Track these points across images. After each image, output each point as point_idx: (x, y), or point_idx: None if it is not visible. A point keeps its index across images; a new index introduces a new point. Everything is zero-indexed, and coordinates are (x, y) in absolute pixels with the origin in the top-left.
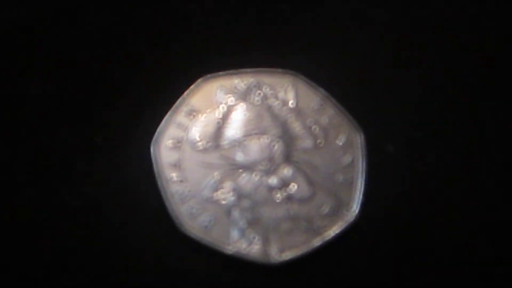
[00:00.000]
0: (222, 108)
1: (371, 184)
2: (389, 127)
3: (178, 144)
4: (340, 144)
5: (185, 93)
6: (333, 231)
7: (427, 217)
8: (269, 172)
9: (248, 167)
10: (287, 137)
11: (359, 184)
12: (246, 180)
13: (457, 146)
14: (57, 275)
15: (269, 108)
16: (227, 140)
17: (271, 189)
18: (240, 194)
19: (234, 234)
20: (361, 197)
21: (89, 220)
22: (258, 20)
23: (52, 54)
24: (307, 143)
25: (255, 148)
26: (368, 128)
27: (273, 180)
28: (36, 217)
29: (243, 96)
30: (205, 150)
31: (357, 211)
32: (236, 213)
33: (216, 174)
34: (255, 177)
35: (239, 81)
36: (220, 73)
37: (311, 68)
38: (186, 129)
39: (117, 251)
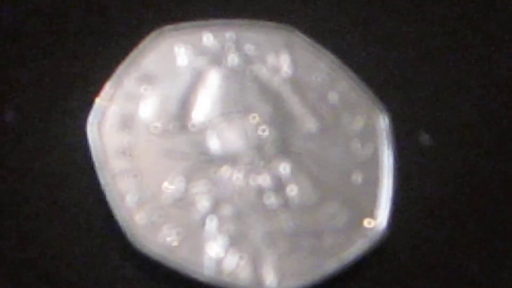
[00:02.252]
0: (188, 76)
1: (402, 185)
2: (424, 107)
3: (128, 124)
4: (356, 129)
5: (135, 51)
6: (351, 252)
7: (477, 226)
8: (258, 168)
9: (227, 160)
10: (281, 119)
11: (386, 186)
12: (226, 177)
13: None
14: None
15: (256, 78)
16: (197, 121)
17: (261, 192)
18: (217, 198)
19: (212, 254)
20: (388, 205)
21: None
22: None
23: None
24: (310, 127)
25: (237, 133)
26: (394, 108)
27: (264, 180)
28: None
29: (217, 59)
30: (166, 133)
31: (384, 225)
32: (213, 225)
33: (184, 169)
34: (238, 175)
35: (211, 37)
36: (184, 24)
37: (315, 23)
38: (138, 102)
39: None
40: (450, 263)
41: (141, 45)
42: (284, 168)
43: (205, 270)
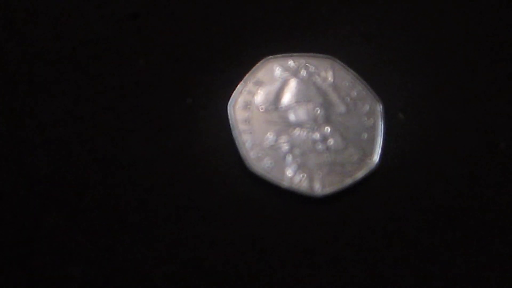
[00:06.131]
0: (279, 81)
1: (387, 141)
2: (401, 100)
3: (248, 106)
4: (365, 111)
5: (253, 69)
6: (360, 174)
7: (430, 167)
8: (313, 130)
9: (298, 125)
10: (327, 105)
11: (379, 141)
12: (297, 134)
13: (457, 111)
14: (139, 209)
15: (314, 83)
16: (283, 105)
17: (315, 142)
18: (292, 145)
19: (288, 173)
20: (380, 150)
21: (183, 160)
22: (307, 19)
23: (157, 40)
24: (341, 109)
25: (304, 111)
26: (385, 100)
27: (316, 136)
28: (139, 158)
29: (295, 73)
30: (267, 111)
31: (377, 161)
32: (289, 158)
33: (276, 129)
34: (304, 133)
35: (292, 62)
36: (279, 55)
37: (345, 54)
38: (253, 95)
39: (198, 186)
40: (420, 186)
41: (256, 66)
42: (327, 129)
43: (284, 182)
